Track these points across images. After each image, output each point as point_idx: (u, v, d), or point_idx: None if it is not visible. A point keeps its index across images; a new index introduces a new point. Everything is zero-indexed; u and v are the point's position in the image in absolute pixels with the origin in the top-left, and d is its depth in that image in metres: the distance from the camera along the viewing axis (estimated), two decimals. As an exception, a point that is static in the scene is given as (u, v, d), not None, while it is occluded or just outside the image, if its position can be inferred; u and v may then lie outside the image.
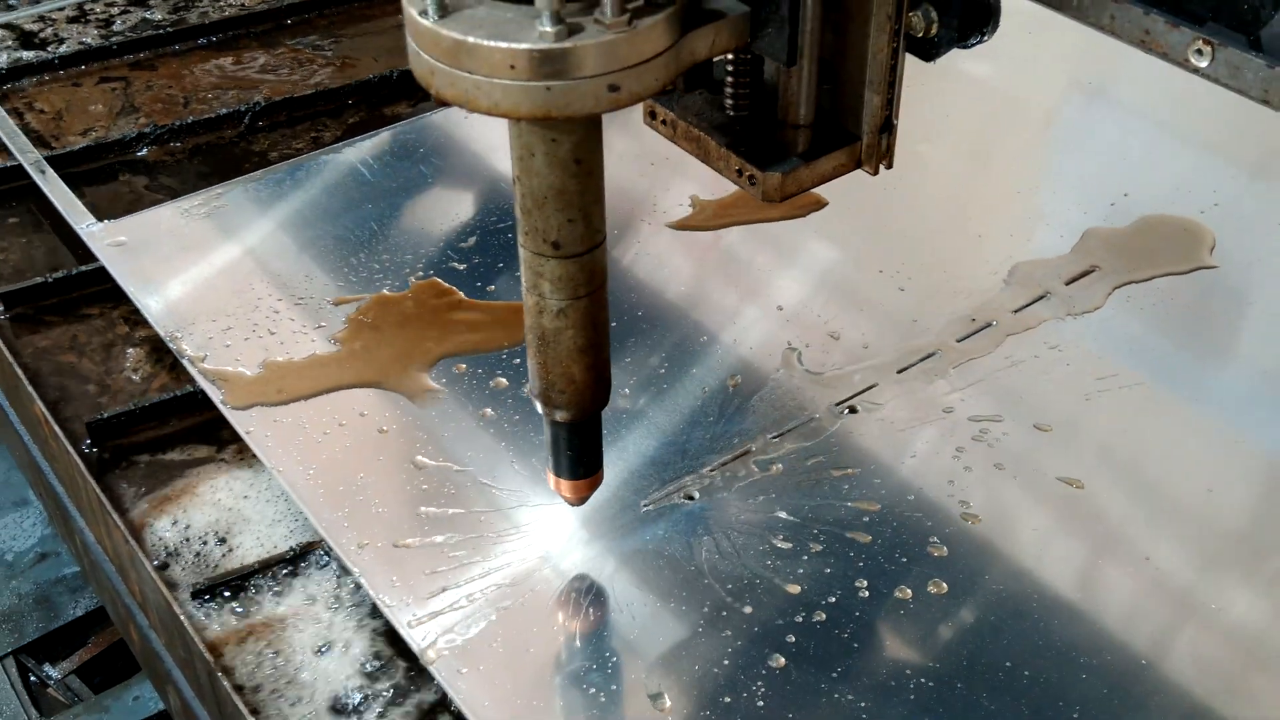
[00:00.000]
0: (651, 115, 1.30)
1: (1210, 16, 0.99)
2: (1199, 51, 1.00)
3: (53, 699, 2.78)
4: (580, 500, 1.46)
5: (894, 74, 1.17)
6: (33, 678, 2.79)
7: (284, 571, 1.53)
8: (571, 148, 1.16)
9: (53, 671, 2.82)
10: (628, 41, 1.05)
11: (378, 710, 1.38)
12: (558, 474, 1.42)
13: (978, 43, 1.17)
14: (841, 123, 1.22)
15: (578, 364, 1.29)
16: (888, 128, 1.21)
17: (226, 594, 1.50)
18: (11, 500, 3.11)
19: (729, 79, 1.24)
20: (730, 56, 1.22)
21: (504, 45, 1.03)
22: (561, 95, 1.05)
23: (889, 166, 1.24)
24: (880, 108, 1.19)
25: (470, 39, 1.04)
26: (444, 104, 1.08)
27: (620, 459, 1.59)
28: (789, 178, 1.20)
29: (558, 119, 1.08)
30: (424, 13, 1.06)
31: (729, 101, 1.25)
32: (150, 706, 2.69)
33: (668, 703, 1.33)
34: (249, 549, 1.56)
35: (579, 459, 1.40)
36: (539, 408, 1.35)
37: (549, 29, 1.02)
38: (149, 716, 2.69)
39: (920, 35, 1.16)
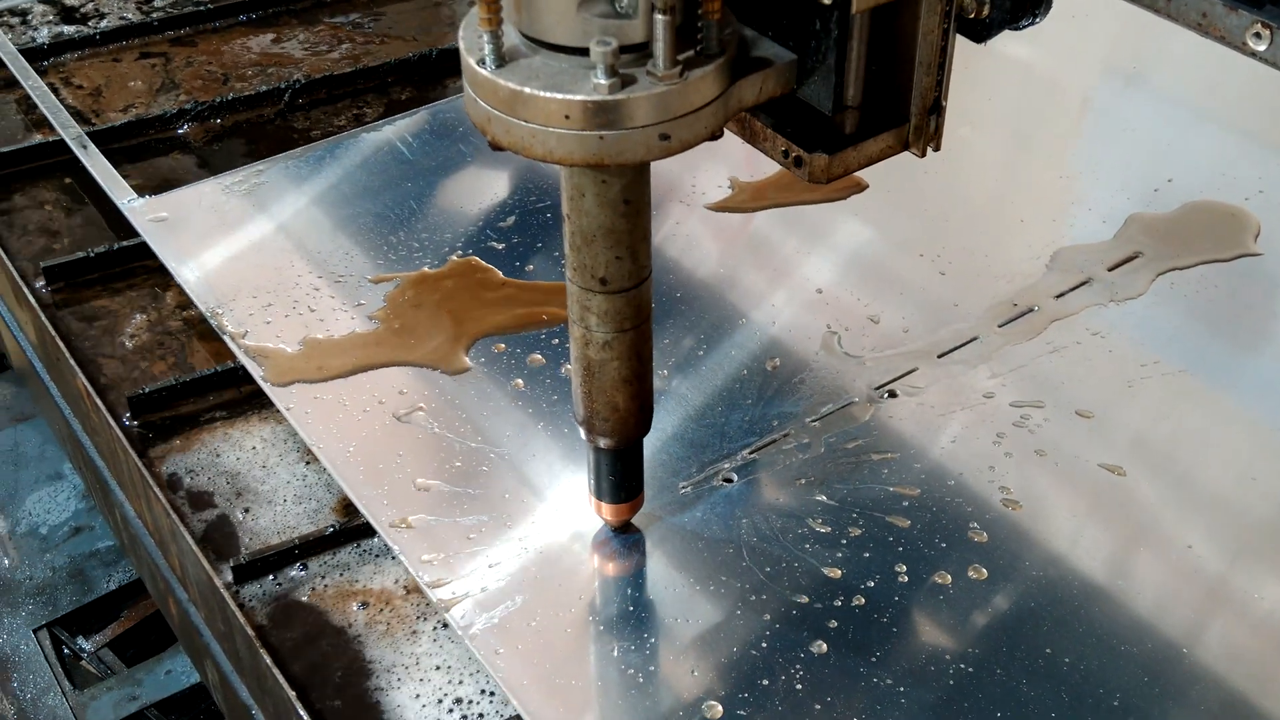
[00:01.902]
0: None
1: (1270, -1, 0.97)
2: (1257, 35, 0.98)
3: (86, 671, 2.80)
4: (621, 523, 1.47)
5: (944, 55, 1.16)
6: (66, 650, 2.81)
7: (324, 547, 1.53)
8: (621, 189, 1.18)
9: (86, 644, 2.84)
10: (679, 93, 1.07)
11: (412, 686, 1.39)
12: (599, 498, 1.44)
13: (1029, 24, 1.16)
14: (889, 104, 1.22)
15: (622, 394, 1.32)
16: (936, 109, 1.19)
17: (268, 569, 1.51)
18: (46, 474, 3.12)
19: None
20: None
21: (559, 96, 1.05)
22: (614, 144, 1.07)
23: (936, 149, 1.22)
24: (930, 89, 1.18)
25: (526, 89, 1.06)
26: (499, 149, 1.09)
27: (658, 441, 1.58)
28: (836, 159, 1.19)
29: (609, 166, 1.09)
30: (482, 62, 1.08)
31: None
32: (182, 680, 2.71)
33: (706, 685, 1.33)
34: (289, 524, 1.57)
35: (621, 484, 1.42)
36: (583, 434, 1.38)
37: (603, 81, 1.04)
38: (181, 690, 2.71)
39: (972, 16, 1.15)
